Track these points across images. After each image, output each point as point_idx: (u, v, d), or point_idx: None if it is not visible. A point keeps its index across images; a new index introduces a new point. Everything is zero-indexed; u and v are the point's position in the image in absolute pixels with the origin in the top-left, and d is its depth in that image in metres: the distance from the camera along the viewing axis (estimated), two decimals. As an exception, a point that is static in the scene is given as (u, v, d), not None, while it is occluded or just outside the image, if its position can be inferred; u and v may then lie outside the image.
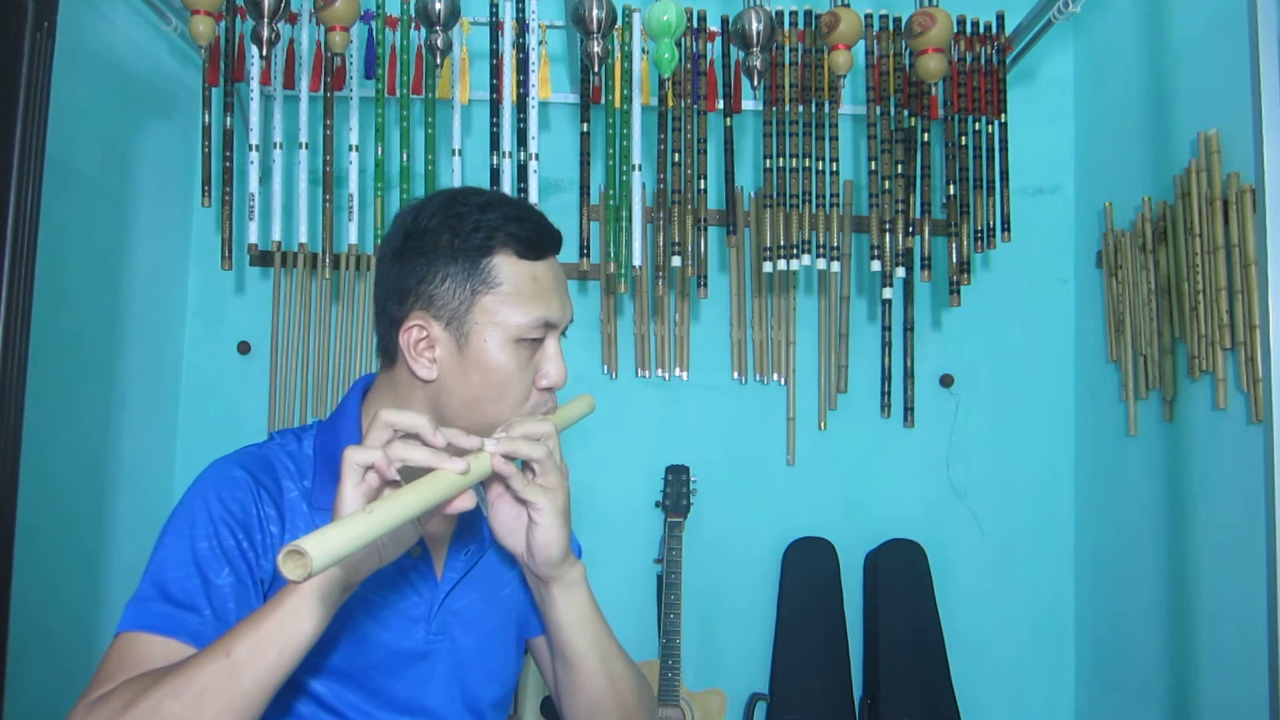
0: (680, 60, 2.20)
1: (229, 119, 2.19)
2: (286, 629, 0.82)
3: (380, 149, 2.22)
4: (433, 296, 0.97)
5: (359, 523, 0.74)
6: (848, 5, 1.96)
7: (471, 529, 1.07)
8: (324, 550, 0.70)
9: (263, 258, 2.50)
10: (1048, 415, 2.61)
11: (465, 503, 0.86)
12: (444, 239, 0.97)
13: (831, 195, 2.32)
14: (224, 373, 2.56)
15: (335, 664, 0.98)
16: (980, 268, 2.61)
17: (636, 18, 2.26)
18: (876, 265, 2.29)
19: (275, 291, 2.52)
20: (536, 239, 0.99)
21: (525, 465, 0.94)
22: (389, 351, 1.02)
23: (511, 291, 0.97)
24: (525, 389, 0.99)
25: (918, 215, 2.28)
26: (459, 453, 0.88)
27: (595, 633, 1.02)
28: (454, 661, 1.03)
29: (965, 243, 2.34)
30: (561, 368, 1.01)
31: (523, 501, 0.94)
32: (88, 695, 0.84)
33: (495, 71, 2.23)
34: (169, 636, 0.88)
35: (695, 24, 2.29)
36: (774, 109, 2.30)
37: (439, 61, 1.90)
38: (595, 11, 1.77)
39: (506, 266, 0.98)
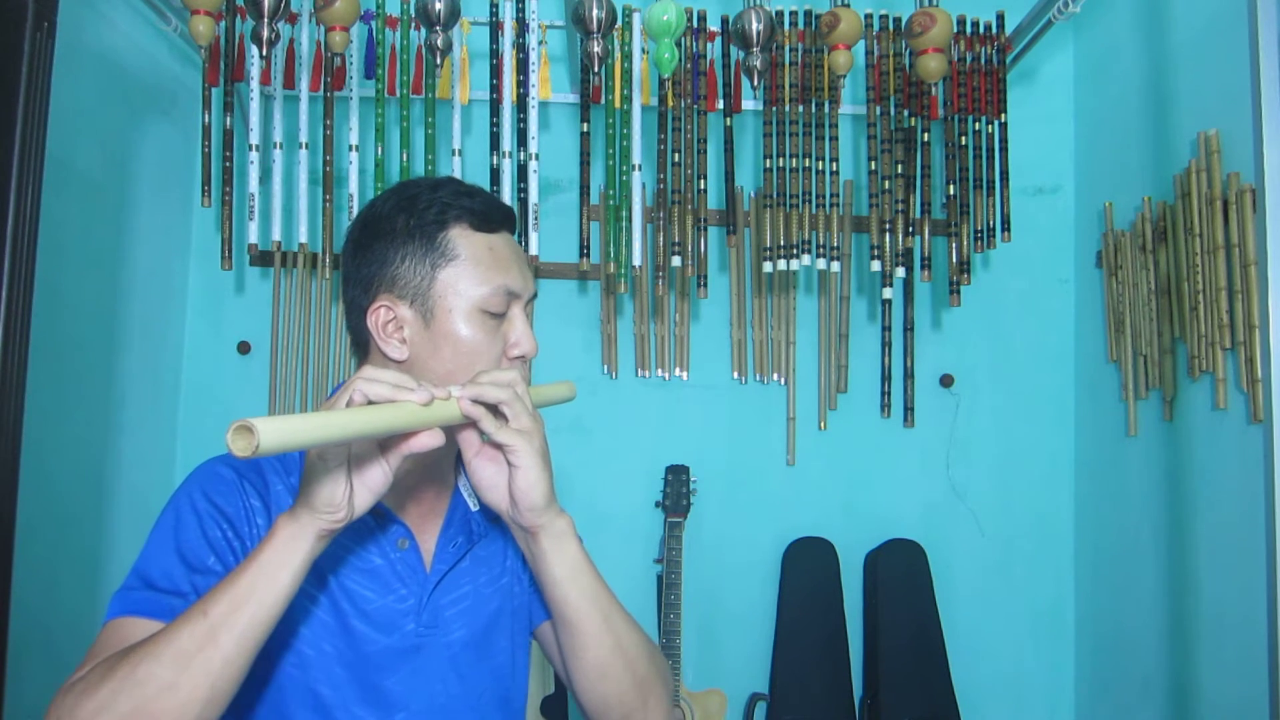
0: (680, 60, 2.20)
1: (229, 119, 2.19)
2: (262, 583, 0.83)
3: (380, 149, 2.22)
4: (395, 278, 0.99)
5: (314, 417, 0.74)
6: (848, 5, 1.96)
7: (460, 520, 1.07)
8: (273, 428, 0.68)
9: (263, 258, 2.50)
10: (1048, 415, 2.61)
11: (430, 440, 0.85)
12: (399, 221, 1.00)
13: (831, 195, 2.32)
14: (224, 372, 2.56)
15: (326, 661, 0.97)
16: (980, 268, 2.61)
17: (636, 18, 2.25)
18: (876, 265, 2.29)
19: (275, 291, 2.52)
20: (487, 210, 1.02)
21: (497, 413, 0.92)
22: (361, 342, 1.04)
23: (470, 262, 0.99)
24: (495, 360, 1.00)
25: (918, 215, 2.28)
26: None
27: (592, 588, 0.99)
28: (447, 654, 1.03)
29: (965, 243, 2.34)
30: (530, 336, 1.01)
31: (499, 447, 0.93)
32: (71, 677, 0.85)
33: (495, 71, 2.22)
34: (152, 619, 0.89)
35: (695, 24, 2.29)
36: (774, 109, 2.30)
37: (439, 61, 1.90)
38: (595, 11, 1.77)
39: (462, 239, 1.00)
